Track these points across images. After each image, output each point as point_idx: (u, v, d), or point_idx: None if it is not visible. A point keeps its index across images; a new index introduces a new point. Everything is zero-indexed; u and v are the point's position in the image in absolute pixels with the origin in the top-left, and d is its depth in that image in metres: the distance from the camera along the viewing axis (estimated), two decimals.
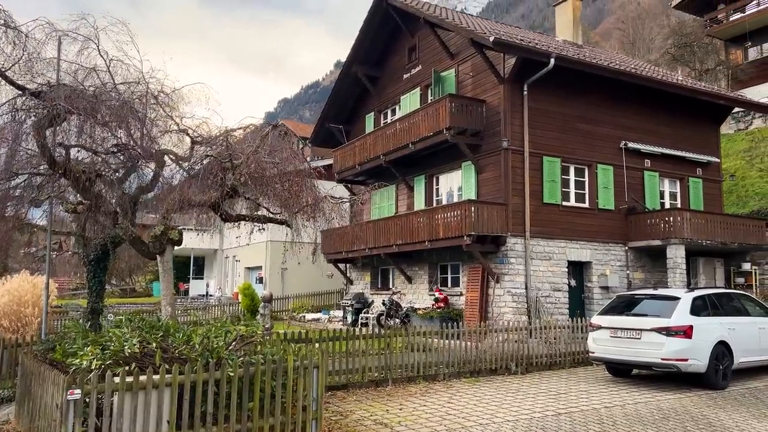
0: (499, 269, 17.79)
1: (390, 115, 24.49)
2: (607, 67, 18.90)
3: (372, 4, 23.22)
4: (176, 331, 7.65)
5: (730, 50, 37.13)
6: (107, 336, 7.28)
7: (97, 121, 9.50)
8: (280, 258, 30.59)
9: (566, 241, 18.63)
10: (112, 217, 9.64)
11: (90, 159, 9.90)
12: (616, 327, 11.23)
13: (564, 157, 18.87)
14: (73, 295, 40.58)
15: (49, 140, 8.86)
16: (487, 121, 18.70)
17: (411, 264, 21.71)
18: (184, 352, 6.96)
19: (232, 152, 9.30)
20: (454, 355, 12.04)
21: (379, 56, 24.77)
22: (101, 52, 10.95)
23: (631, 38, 54.74)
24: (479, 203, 17.63)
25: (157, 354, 6.79)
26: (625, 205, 19.78)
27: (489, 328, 12.82)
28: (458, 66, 20.43)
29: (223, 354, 7.02)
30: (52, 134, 8.85)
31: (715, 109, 22.38)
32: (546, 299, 18.00)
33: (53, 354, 7.76)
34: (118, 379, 6.32)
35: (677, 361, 10.45)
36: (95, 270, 12.92)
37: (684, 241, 18.42)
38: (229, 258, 38.49)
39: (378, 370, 11.24)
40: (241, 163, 9.17)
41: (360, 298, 23.73)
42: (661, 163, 20.84)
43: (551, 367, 13.17)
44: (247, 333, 7.64)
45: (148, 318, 8.00)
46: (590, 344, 11.80)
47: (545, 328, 13.46)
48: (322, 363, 7.61)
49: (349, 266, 25.85)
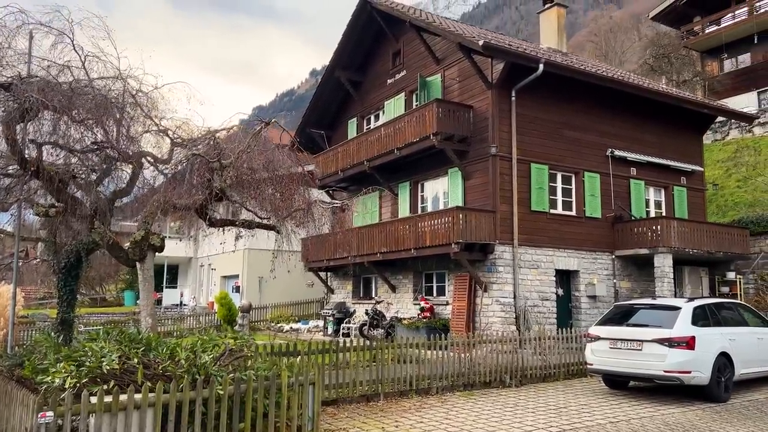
0: (487, 278, 17.39)
1: (373, 121, 24.04)
2: (596, 73, 18.74)
3: (356, 8, 22.80)
4: (158, 344, 7.02)
5: (706, 62, 37.59)
6: (82, 350, 6.64)
7: (72, 119, 8.84)
8: (258, 266, 29.89)
9: (554, 250, 18.33)
10: (89, 221, 8.93)
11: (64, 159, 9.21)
12: (616, 338, 10.87)
13: (551, 164, 18.61)
14: (40, 305, 39.16)
15: (19, 137, 8.17)
16: (474, 127, 18.36)
17: (395, 272, 21.21)
18: (168, 368, 6.35)
19: (220, 151, 8.70)
20: (448, 367, 11.56)
21: (363, 61, 24.34)
22: (76, 48, 10.31)
23: (603, 51, 55.46)
24: (467, 210, 17.24)
25: (139, 370, 6.17)
26: (612, 213, 19.59)
27: (484, 338, 12.37)
28: (444, 71, 20.08)
29: (212, 370, 6.43)
30: (23, 131, 8.16)
31: (698, 119, 22.41)
32: (534, 309, 17.65)
33: (21, 370, 7.06)
34: (95, 399, 5.70)
35: (680, 373, 10.11)
36: (66, 278, 12.17)
37: (671, 249, 18.27)
38: (204, 266, 37.51)
39: (369, 383, 10.70)
40: (230, 163, 8.57)
41: (341, 308, 23.14)
42: (646, 172, 20.74)
43: (545, 379, 12.76)
44: (237, 347, 7.05)
45: (128, 330, 7.35)
46: (588, 356, 11.41)
47: (539, 339, 13.05)
48: (318, 379, 7.05)
49: (330, 275, 25.24)
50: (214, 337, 7.00)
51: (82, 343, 6.62)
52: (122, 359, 6.25)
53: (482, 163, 18.03)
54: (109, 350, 6.23)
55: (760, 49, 34.08)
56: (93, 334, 7.30)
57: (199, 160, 8.68)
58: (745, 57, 35.48)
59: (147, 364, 6.43)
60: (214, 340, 6.94)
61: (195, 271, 39.48)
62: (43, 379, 6.13)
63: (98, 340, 6.63)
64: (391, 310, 20.79)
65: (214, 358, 6.72)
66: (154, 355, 6.76)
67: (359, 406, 10.21)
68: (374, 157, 20.70)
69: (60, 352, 6.76)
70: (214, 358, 6.74)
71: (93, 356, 6.15)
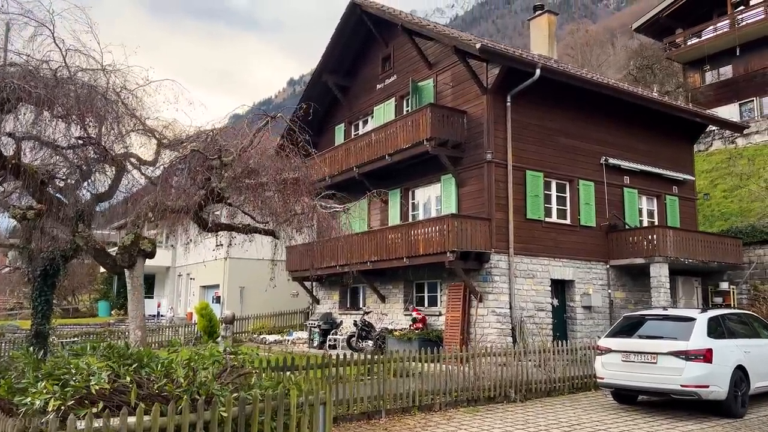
0: (482, 288, 16.86)
1: (362, 126, 23.48)
2: (592, 80, 18.47)
3: (345, 11, 22.29)
4: (151, 360, 6.30)
5: (689, 73, 37.85)
6: (65, 367, 5.90)
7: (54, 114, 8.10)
8: (239, 276, 29.02)
9: (549, 259, 17.90)
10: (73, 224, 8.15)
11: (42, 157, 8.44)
12: (629, 350, 10.38)
13: (546, 172, 18.22)
14: (9, 316, 37.68)
15: None
16: (468, 132, 17.90)
17: (385, 282, 20.58)
18: (165, 387, 5.64)
19: (221, 148, 8.00)
20: (452, 382, 10.96)
21: (351, 65, 23.79)
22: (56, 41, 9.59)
23: (580, 63, 55.89)
24: (462, 218, 16.73)
25: (132, 390, 5.46)
26: (607, 222, 19.26)
27: (488, 350, 11.80)
28: (437, 76, 19.63)
29: (214, 389, 5.74)
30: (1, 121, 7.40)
31: (689, 128, 22.30)
32: (530, 319, 17.17)
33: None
34: (83, 423, 4.99)
35: (697, 387, 9.64)
36: (42, 287, 11.33)
37: (667, 259, 17.97)
38: (182, 276, 36.43)
39: (370, 400, 10.05)
40: (231, 161, 7.89)
41: (328, 319, 22.39)
42: (639, 180, 20.49)
43: (550, 393, 12.22)
44: (239, 362, 6.37)
45: (115, 343, 6.62)
46: (599, 369, 10.90)
47: (543, 351, 12.53)
48: (329, 398, 6.40)
49: (315, 284, 24.49)
50: (214, 352, 6.31)
51: (66, 359, 5.88)
52: (112, 378, 5.54)
53: (477, 169, 17.57)
54: (97, 368, 5.51)
55: (741, 61, 34.38)
56: (77, 348, 6.56)
57: (198, 156, 7.97)
58: (726, 69, 35.79)
59: (140, 382, 5.73)
60: (214, 355, 6.25)
61: (173, 280, 38.34)
62: (21, 400, 5.39)
63: (84, 356, 5.90)
64: (384, 320, 20.12)
65: (214, 375, 6.03)
66: (147, 372, 6.04)
67: (360, 424, 9.57)
68: (364, 163, 20.11)
69: (40, 370, 6.02)
70: (214, 375, 6.06)
71: (79, 374, 5.42)
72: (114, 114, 8.11)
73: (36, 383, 5.65)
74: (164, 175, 8.49)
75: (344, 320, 22.02)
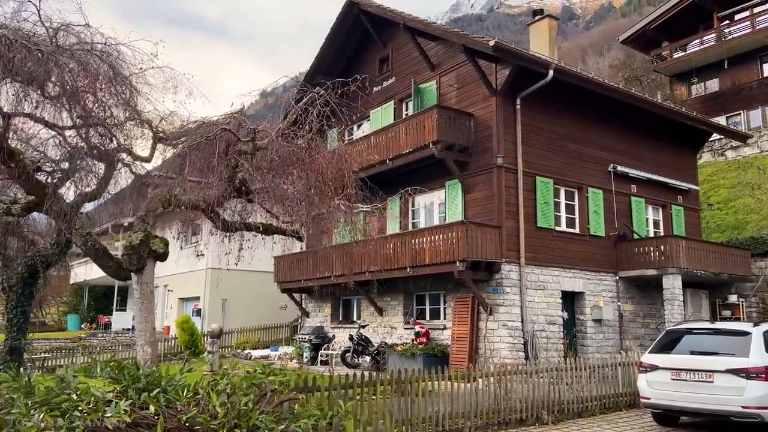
0: (492, 300, 15.89)
1: (356, 130, 22.43)
2: (605, 83, 17.82)
3: (341, 10, 21.29)
4: (170, 383, 5.12)
5: (676, 86, 37.84)
6: (65, 394, 4.69)
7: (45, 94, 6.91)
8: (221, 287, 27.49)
9: (560, 270, 17.03)
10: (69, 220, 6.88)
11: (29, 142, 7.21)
12: (679, 368, 9.47)
13: (555, 178, 17.42)
14: None
15: None
16: (475, 136, 17.01)
17: (382, 294, 19.41)
18: (197, 419, 4.48)
19: (254, 128, 6.82)
20: (482, 403, 9.91)
21: (346, 67, 22.72)
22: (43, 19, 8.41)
23: None
24: (473, 225, 15.75)
25: (159, 424, 4.29)
26: (616, 231, 18.52)
27: (521, 368, 10.79)
28: (440, 77, 18.72)
29: (257, 420, 4.59)
30: None
31: (693, 136, 21.84)
32: (541, 333, 16.24)
33: None
34: None
35: (760, 409, 8.75)
36: (19, 298, 10.04)
37: (681, 270, 17.26)
38: (159, 287, 34.66)
39: (397, 424, 8.92)
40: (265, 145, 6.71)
41: (319, 333, 21.18)
42: (645, 189, 19.85)
43: (581, 414, 11.23)
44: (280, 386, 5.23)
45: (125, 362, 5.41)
46: (643, 388, 9.96)
47: (573, 369, 11.56)
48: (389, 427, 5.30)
49: (305, 296, 23.22)
50: (255, 374, 5.15)
51: (71, 383, 4.66)
52: (133, 408, 4.36)
53: (485, 174, 16.66)
54: (113, 395, 4.32)
55: (728, 74, 34.42)
56: (77, 369, 5.31)
57: (226, 137, 6.78)
58: (713, 82, 35.81)
59: (164, 412, 4.56)
60: (254, 377, 5.09)
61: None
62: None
63: (95, 377, 4.69)
64: (381, 334, 18.97)
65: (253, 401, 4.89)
66: (168, 399, 4.87)
67: None
68: (363, 168, 18.97)
69: (32, 396, 4.80)
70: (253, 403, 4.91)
71: (91, 404, 4.24)
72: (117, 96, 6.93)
73: (29, 413, 4.45)
74: (184, 161, 7.25)
75: (336, 334, 20.81)
